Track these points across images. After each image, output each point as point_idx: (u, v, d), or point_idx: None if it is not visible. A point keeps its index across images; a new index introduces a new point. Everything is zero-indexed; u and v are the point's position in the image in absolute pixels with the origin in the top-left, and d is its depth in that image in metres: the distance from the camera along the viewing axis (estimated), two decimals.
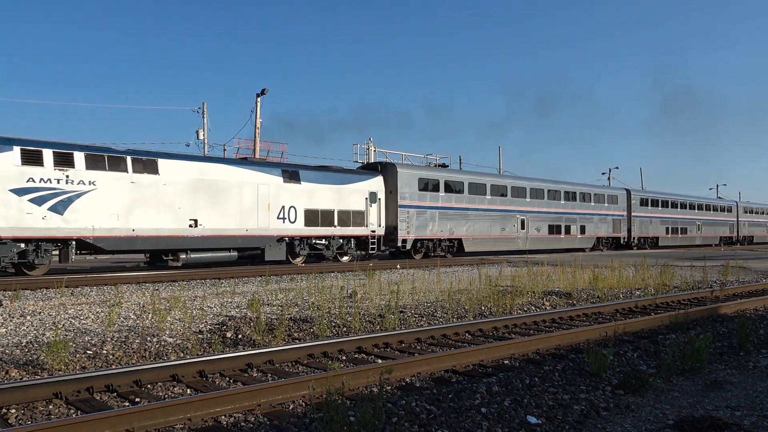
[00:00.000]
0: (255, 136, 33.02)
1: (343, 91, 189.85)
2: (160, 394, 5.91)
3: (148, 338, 8.47)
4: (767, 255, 35.12)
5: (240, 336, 8.79)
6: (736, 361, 7.41)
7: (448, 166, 36.21)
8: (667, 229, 47.87)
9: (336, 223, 24.97)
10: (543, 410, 5.27)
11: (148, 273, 18.84)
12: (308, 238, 24.18)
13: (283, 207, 23.21)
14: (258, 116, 33.10)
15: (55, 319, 9.95)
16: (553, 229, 36.65)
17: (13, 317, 10.20)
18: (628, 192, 44.53)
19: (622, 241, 42.54)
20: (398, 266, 22.61)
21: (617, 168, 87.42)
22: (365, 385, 6.01)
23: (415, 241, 28.53)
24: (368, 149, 37.65)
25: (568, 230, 37.72)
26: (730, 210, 60.02)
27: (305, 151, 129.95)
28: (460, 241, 30.60)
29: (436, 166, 34.59)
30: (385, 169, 28.27)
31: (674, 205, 49.68)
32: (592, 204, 39.88)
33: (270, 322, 9.47)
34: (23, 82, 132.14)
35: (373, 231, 26.48)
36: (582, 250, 39.06)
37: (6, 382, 5.95)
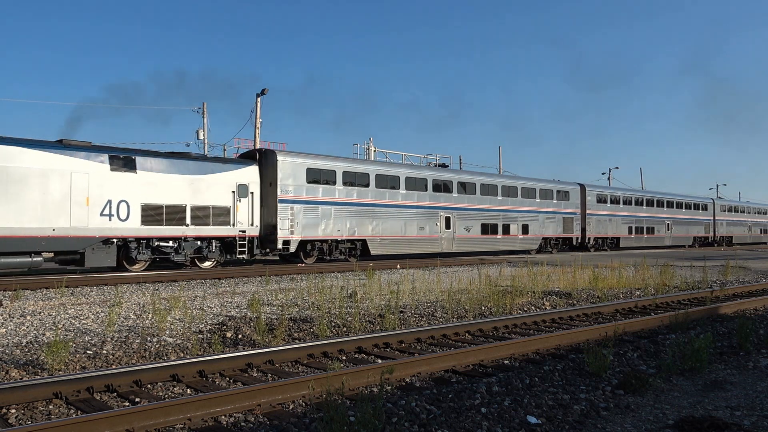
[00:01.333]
0: (255, 136, 33.03)
1: (343, 90, 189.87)
2: (160, 394, 5.91)
3: (148, 338, 8.47)
4: (767, 255, 35.11)
5: (240, 336, 8.79)
6: (736, 361, 7.41)
7: (448, 166, 36.11)
8: (629, 228, 44.02)
9: (189, 221, 20.89)
10: (543, 410, 5.27)
11: (148, 273, 18.85)
12: (148, 239, 20.05)
13: (110, 201, 19.12)
14: (258, 116, 33.11)
15: (55, 319, 9.95)
16: (488, 229, 32.54)
17: (13, 317, 10.20)
18: (582, 187, 40.21)
19: (575, 242, 38.65)
20: (398, 266, 22.61)
21: (617, 168, 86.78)
22: (365, 385, 6.01)
23: (303, 242, 24.35)
24: (368, 149, 37.65)
25: (506, 230, 33.59)
26: (705, 208, 55.31)
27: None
28: (364, 242, 26.56)
29: (436, 165, 34.43)
30: (264, 158, 24.16)
31: (638, 203, 45.60)
32: (538, 200, 35.68)
33: (270, 322, 9.47)
34: (23, 82, 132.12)
35: (243, 231, 22.34)
36: (527, 252, 35.94)
37: (6, 382, 5.95)
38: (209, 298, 12.87)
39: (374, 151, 37.59)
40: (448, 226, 30.23)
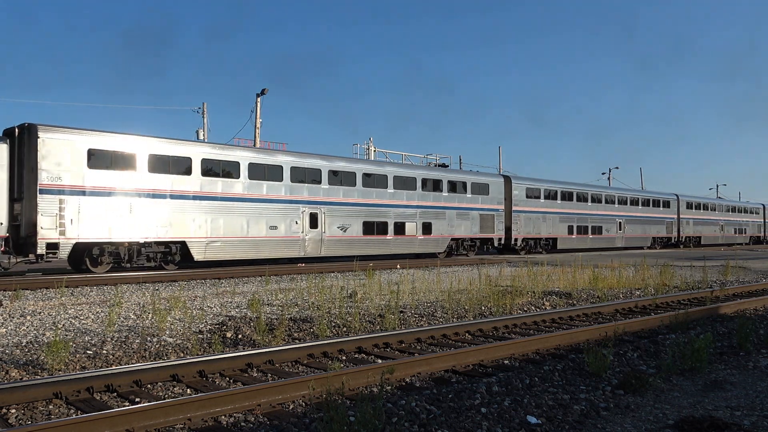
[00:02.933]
0: (255, 136, 33.02)
1: (342, 89, 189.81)
2: (160, 394, 5.91)
3: (148, 338, 8.47)
4: (767, 255, 35.12)
5: (240, 336, 8.79)
6: (736, 361, 7.41)
7: (448, 166, 36.09)
8: (570, 227, 38.47)
9: None
10: (543, 410, 5.27)
11: (148, 273, 18.84)
12: None
13: None
14: (258, 116, 33.11)
15: (55, 319, 9.95)
16: (374, 228, 27.07)
17: (13, 317, 10.20)
18: (507, 179, 34.96)
19: (496, 244, 33.56)
20: (398, 266, 22.60)
21: (617, 168, 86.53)
22: (365, 385, 6.01)
23: (81, 245, 18.95)
24: (368, 149, 37.64)
25: (400, 229, 28.09)
26: (668, 205, 49.51)
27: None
28: (184, 244, 21.15)
29: (436, 165, 34.39)
30: (22, 136, 18.74)
31: (582, 198, 39.94)
32: (445, 194, 30.22)
33: (270, 322, 9.47)
34: (24, 82, 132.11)
35: None
36: (433, 255, 30.13)
37: (6, 382, 5.95)
38: (209, 298, 12.87)
39: (374, 151, 37.58)
40: (315, 224, 24.82)
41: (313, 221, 24.88)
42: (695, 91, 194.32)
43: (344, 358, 7.47)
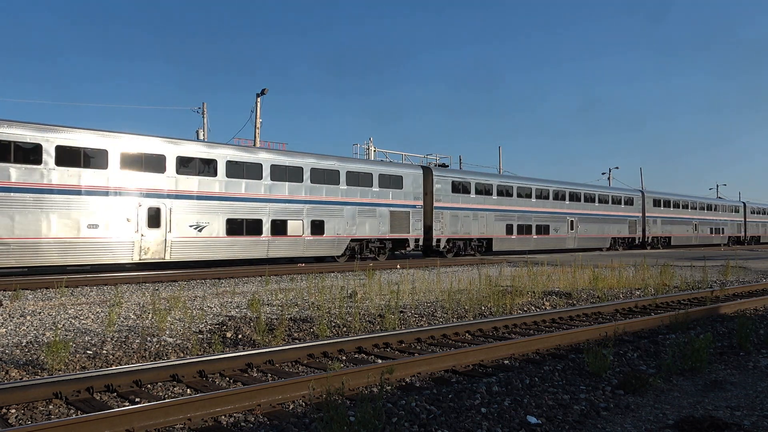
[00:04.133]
0: (255, 136, 33.02)
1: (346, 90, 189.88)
2: (160, 394, 5.91)
3: (148, 338, 8.47)
4: (767, 255, 35.12)
5: (240, 336, 8.79)
6: (736, 361, 7.41)
7: (448, 166, 36.10)
8: (509, 227, 33.99)
9: None
10: (543, 410, 5.27)
11: (148, 273, 18.84)
12: None
13: None
14: (258, 116, 33.10)
15: (55, 319, 9.95)
16: (242, 227, 22.74)
17: (13, 317, 10.21)
18: (428, 171, 30.39)
19: (412, 245, 28.81)
20: (398, 266, 22.60)
21: (617, 168, 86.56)
22: (365, 385, 6.01)
23: None
24: (368, 149, 37.65)
25: (280, 228, 23.73)
26: (630, 202, 44.81)
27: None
28: None
29: (436, 166, 34.39)
30: None
31: (524, 194, 35.42)
32: (344, 187, 25.89)
33: (270, 322, 9.47)
34: (24, 82, 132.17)
35: None
36: (326, 259, 26.14)
37: (6, 382, 5.95)
38: (209, 298, 12.87)
39: (374, 151, 37.58)
40: (156, 223, 20.60)
41: (154, 218, 20.57)
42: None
43: (344, 358, 7.47)
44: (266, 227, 23.49)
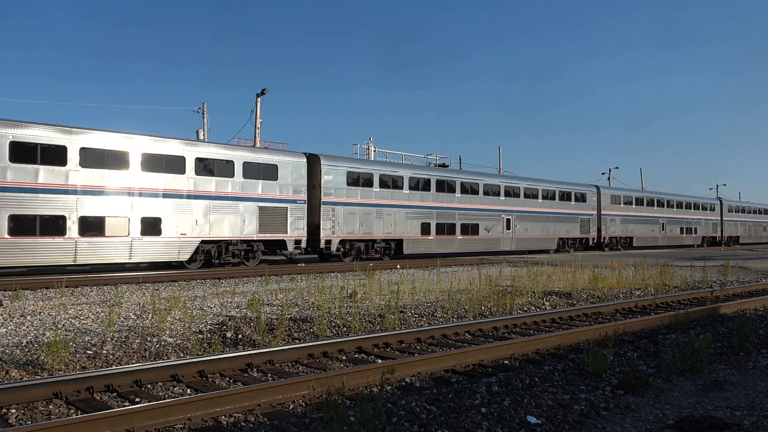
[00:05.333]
0: (255, 136, 33.02)
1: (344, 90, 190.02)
2: (160, 394, 5.91)
3: (148, 338, 8.47)
4: (767, 255, 35.13)
5: (240, 336, 8.79)
6: (736, 361, 7.41)
7: (448, 166, 36.10)
8: (425, 225, 29.31)
9: None
10: (543, 410, 5.27)
11: (148, 273, 18.84)
12: None
13: None
14: (258, 116, 33.11)
15: (55, 319, 9.95)
16: (33, 226, 18.25)
17: (13, 317, 10.21)
18: (314, 159, 25.40)
19: (290, 248, 24.10)
20: (398, 266, 22.60)
21: (617, 168, 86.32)
22: (365, 385, 6.01)
23: None
24: (368, 149, 37.65)
25: (95, 227, 19.38)
26: (583, 198, 40.00)
27: None
28: None
29: (436, 166, 34.34)
30: None
31: (446, 188, 30.65)
32: (192, 177, 21.47)
33: (270, 322, 9.47)
34: (24, 82, 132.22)
35: None
36: (177, 264, 21.91)
37: (6, 382, 5.95)
38: (209, 298, 12.87)
39: (374, 150, 37.59)
40: None
41: None
42: None
43: (344, 358, 7.48)
44: (72, 227, 18.88)
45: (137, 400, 5.63)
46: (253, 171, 23.18)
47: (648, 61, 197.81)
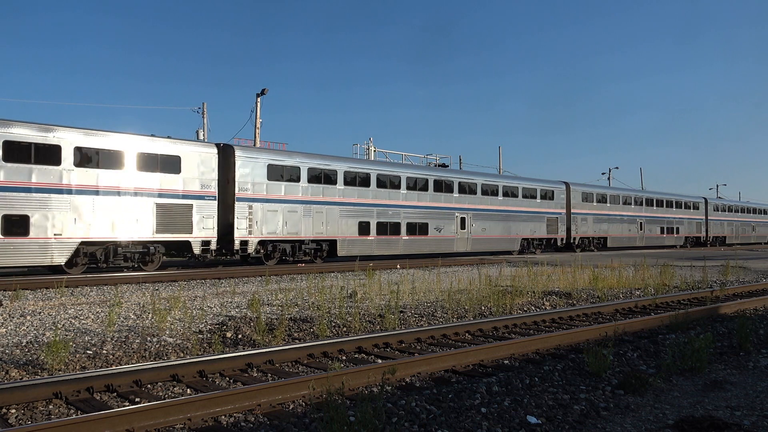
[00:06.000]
0: (255, 136, 33.03)
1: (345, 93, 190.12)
2: (160, 394, 5.91)
3: (148, 338, 8.47)
4: (767, 255, 35.13)
5: (240, 336, 8.79)
6: (736, 361, 7.41)
7: (448, 166, 36.08)
8: (363, 225, 26.39)
9: None
10: (543, 410, 5.27)
11: (148, 273, 18.84)
12: None
13: None
14: (258, 116, 33.12)
15: (55, 319, 9.95)
16: None
17: (13, 317, 10.21)
18: (227, 151, 22.86)
19: (197, 250, 21.24)
20: (398, 266, 22.61)
21: (617, 168, 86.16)
22: (365, 385, 6.01)
23: None
24: (368, 149, 37.66)
25: None
26: (550, 196, 37.07)
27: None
28: None
29: (436, 166, 34.32)
30: None
31: (387, 183, 27.74)
32: (71, 169, 18.74)
33: (270, 322, 9.47)
34: (24, 82, 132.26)
35: None
36: (35, 271, 20.00)
37: (6, 382, 5.95)
38: (209, 298, 12.88)
39: (374, 151, 37.61)
40: None
41: None
42: None
43: (344, 358, 7.48)
44: None
45: (137, 400, 5.63)
46: (149, 162, 20.24)
47: (670, 53, 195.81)
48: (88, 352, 7.62)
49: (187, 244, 21.18)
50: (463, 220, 31.14)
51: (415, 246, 28.78)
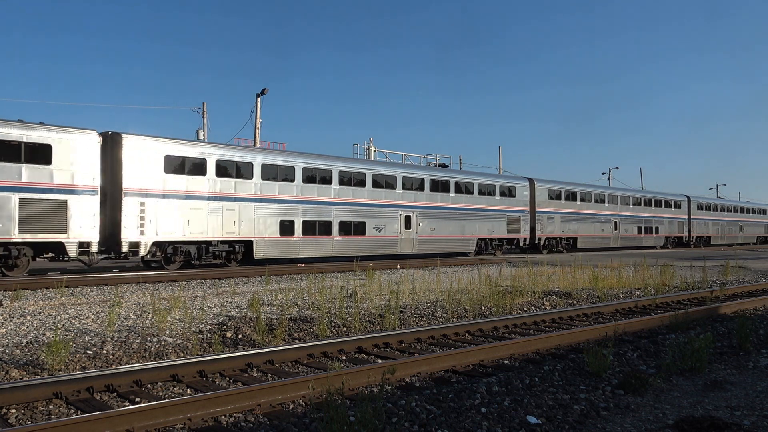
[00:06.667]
0: (255, 136, 33.03)
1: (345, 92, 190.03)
2: (160, 394, 5.91)
3: (148, 338, 8.47)
4: (767, 255, 35.13)
5: (240, 336, 8.79)
6: (736, 361, 7.41)
7: (448, 166, 36.07)
8: (287, 224, 23.55)
9: None
10: (543, 410, 5.27)
11: (148, 273, 18.83)
12: None
13: None
14: (258, 116, 33.12)
15: (55, 319, 9.95)
16: None
17: (13, 317, 10.21)
18: (116, 139, 19.88)
19: (74, 253, 18.46)
20: (398, 266, 22.61)
21: (617, 168, 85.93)
22: (365, 385, 6.01)
23: None
24: (368, 149, 37.67)
25: None
26: (511, 193, 33.90)
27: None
28: None
29: (436, 166, 34.27)
30: None
31: (317, 179, 24.87)
32: None
33: (270, 322, 9.47)
34: (25, 83, 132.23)
35: None
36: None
37: (6, 382, 5.95)
38: (209, 298, 12.88)
39: (374, 150, 37.61)
40: None
41: None
42: None
43: (344, 358, 7.48)
44: None
45: (137, 400, 5.63)
46: (10, 152, 17.40)
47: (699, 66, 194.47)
48: (88, 352, 7.62)
49: (60, 246, 18.18)
50: (408, 218, 28.24)
51: (350, 247, 25.93)
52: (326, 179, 25.34)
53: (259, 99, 33.21)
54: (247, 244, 22.69)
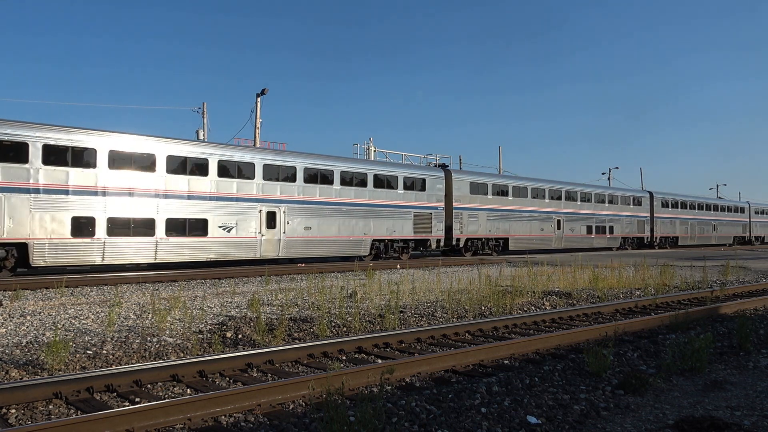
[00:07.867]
0: (255, 136, 33.03)
1: (343, 92, 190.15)
2: (160, 394, 5.91)
3: (148, 338, 8.47)
4: (767, 255, 35.13)
5: (240, 336, 8.79)
6: (736, 361, 7.41)
7: (448, 166, 36.04)
8: (83, 222, 18.90)
9: None
10: (543, 410, 5.27)
11: (148, 273, 18.84)
12: None
13: None
14: (258, 116, 33.12)
15: (55, 319, 9.95)
16: None
17: (13, 317, 10.21)
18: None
19: None
20: (398, 266, 22.62)
21: (617, 168, 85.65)
22: (365, 385, 6.01)
23: None
24: (368, 149, 37.67)
25: None
26: (419, 186, 29.33)
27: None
28: None
29: (436, 166, 34.23)
30: None
31: (133, 164, 20.04)
32: None
33: (270, 322, 9.47)
34: (25, 83, 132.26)
35: None
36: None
37: (6, 382, 5.95)
38: (209, 298, 12.88)
39: (374, 150, 37.61)
40: None
41: None
42: None
43: (344, 358, 7.48)
44: None
45: (137, 400, 5.63)
46: None
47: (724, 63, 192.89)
48: (88, 352, 7.62)
49: None
50: (272, 215, 23.47)
51: (183, 251, 21.04)
52: (148, 166, 20.42)
53: (259, 99, 33.22)
54: (20, 247, 17.93)
